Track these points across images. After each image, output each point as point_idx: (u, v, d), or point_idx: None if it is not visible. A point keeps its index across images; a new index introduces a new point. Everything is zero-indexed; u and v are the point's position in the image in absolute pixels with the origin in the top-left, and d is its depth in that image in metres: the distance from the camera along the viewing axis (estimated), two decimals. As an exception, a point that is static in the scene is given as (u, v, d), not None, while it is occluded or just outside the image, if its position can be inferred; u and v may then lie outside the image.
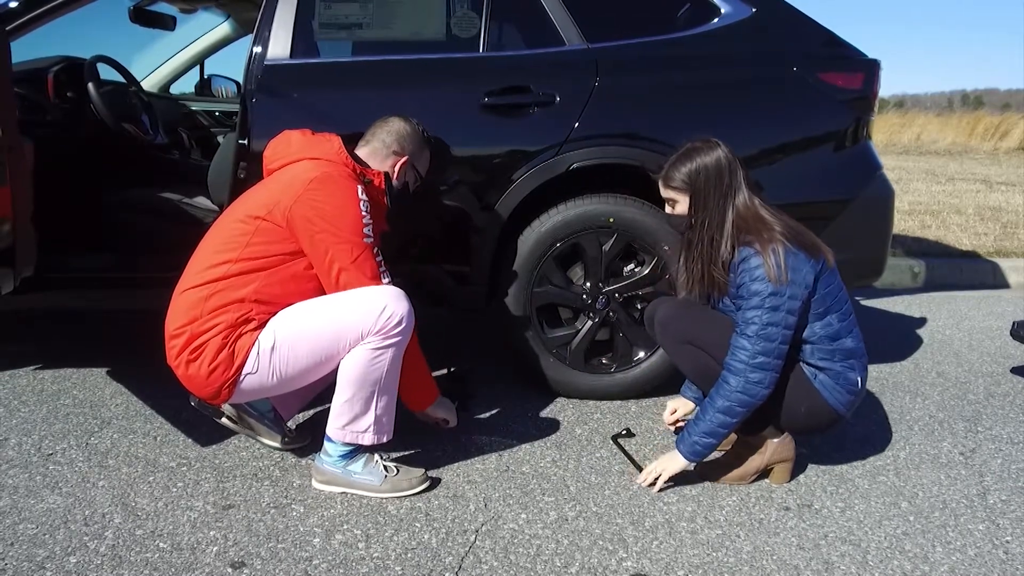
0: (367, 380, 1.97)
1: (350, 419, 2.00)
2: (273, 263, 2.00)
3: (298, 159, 2.10)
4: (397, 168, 2.23)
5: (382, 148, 2.22)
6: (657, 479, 2.09)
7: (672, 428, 2.40)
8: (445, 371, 2.82)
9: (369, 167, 2.18)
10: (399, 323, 1.95)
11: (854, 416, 2.64)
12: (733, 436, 2.25)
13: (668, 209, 2.16)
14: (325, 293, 2.05)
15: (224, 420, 2.19)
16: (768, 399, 2.02)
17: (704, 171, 2.04)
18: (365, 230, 2.01)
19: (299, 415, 2.45)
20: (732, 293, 2.07)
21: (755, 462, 2.15)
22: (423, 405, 2.29)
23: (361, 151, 2.22)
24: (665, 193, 2.14)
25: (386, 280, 2.04)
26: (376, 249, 2.05)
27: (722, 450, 2.26)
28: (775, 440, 2.14)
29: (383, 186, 2.18)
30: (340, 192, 2.01)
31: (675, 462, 2.08)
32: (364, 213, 2.02)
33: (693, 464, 2.10)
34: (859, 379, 2.08)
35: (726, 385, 2.00)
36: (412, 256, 2.60)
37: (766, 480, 2.18)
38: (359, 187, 2.05)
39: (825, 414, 2.08)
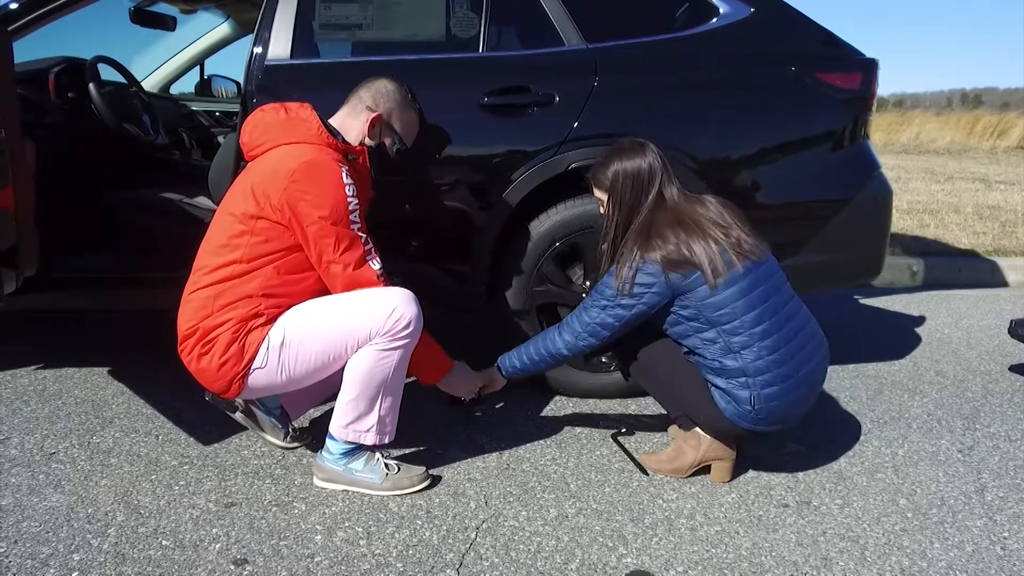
0: (373, 380, 1.98)
1: (354, 418, 2.01)
2: (273, 259, 2.00)
3: (277, 144, 2.07)
4: (368, 125, 2.17)
5: (358, 104, 2.19)
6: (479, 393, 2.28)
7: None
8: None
9: (349, 143, 2.14)
10: (407, 325, 1.96)
11: (853, 414, 2.66)
12: (678, 429, 2.27)
13: (600, 209, 2.19)
14: (325, 284, 2.05)
15: (237, 415, 2.19)
16: (681, 400, 2.14)
17: (623, 174, 2.07)
18: (351, 216, 1.99)
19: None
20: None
21: (689, 457, 2.17)
22: (437, 376, 2.22)
23: (340, 112, 2.20)
24: (594, 192, 2.19)
25: (376, 266, 2.02)
26: (365, 237, 2.02)
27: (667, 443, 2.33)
28: (708, 436, 2.15)
29: (367, 164, 2.17)
30: (323, 179, 1.97)
31: (494, 375, 2.25)
32: (350, 197, 1.99)
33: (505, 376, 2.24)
34: (751, 398, 1.98)
35: (554, 337, 2.12)
36: (411, 255, 2.61)
37: (765, 477, 2.20)
38: (343, 169, 2.01)
39: (725, 425, 2.06)
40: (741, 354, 1.98)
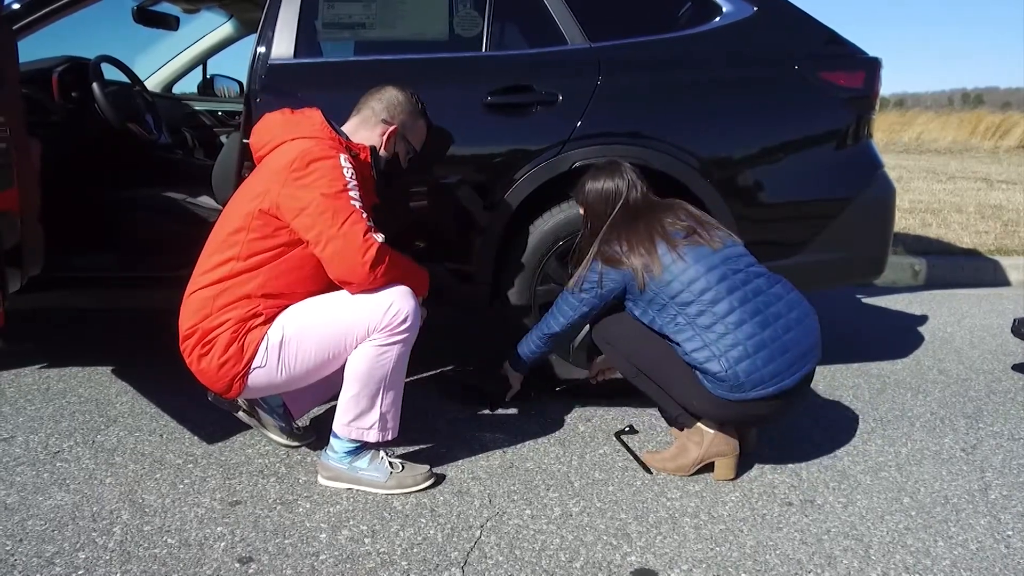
0: (372, 376, 1.98)
1: (355, 415, 2.02)
2: (272, 257, 2.00)
3: (281, 142, 2.07)
4: (385, 137, 2.19)
5: (371, 116, 2.19)
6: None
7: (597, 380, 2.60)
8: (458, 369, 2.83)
9: (352, 142, 2.13)
10: (404, 320, 1.96)
11: (857, 413, 2.66)
12: (678, 430, 2.29)
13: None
14: (326, 278, 2.02)
15: (240, 414, 2.19)
16: (676, 393, 2.18)
17: (593, 192, 2.26)
18: (351, 193, 1.95)
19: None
20: None
21: (692, 453, 2.18)
22: (424, 290, 2.16)
23: (350, 121, 2.20)
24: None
25: (379, 238, 1.95)
26: (367, 215, 1.98)
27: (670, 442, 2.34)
28: (710, 432, 2.16)
29: (369, 160, 2.15)
30: (320, 163, 1.96)
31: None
32: (348, 179, 1.97)
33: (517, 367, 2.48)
34: (722, 366, 2.03)
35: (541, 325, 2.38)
36: (414, 254, 2.60)
37: (769, 476, 2.20)
38: (342, 155, 2.00)
39: (715, 403, 2.10)
40: (697, 321, 2.07)
